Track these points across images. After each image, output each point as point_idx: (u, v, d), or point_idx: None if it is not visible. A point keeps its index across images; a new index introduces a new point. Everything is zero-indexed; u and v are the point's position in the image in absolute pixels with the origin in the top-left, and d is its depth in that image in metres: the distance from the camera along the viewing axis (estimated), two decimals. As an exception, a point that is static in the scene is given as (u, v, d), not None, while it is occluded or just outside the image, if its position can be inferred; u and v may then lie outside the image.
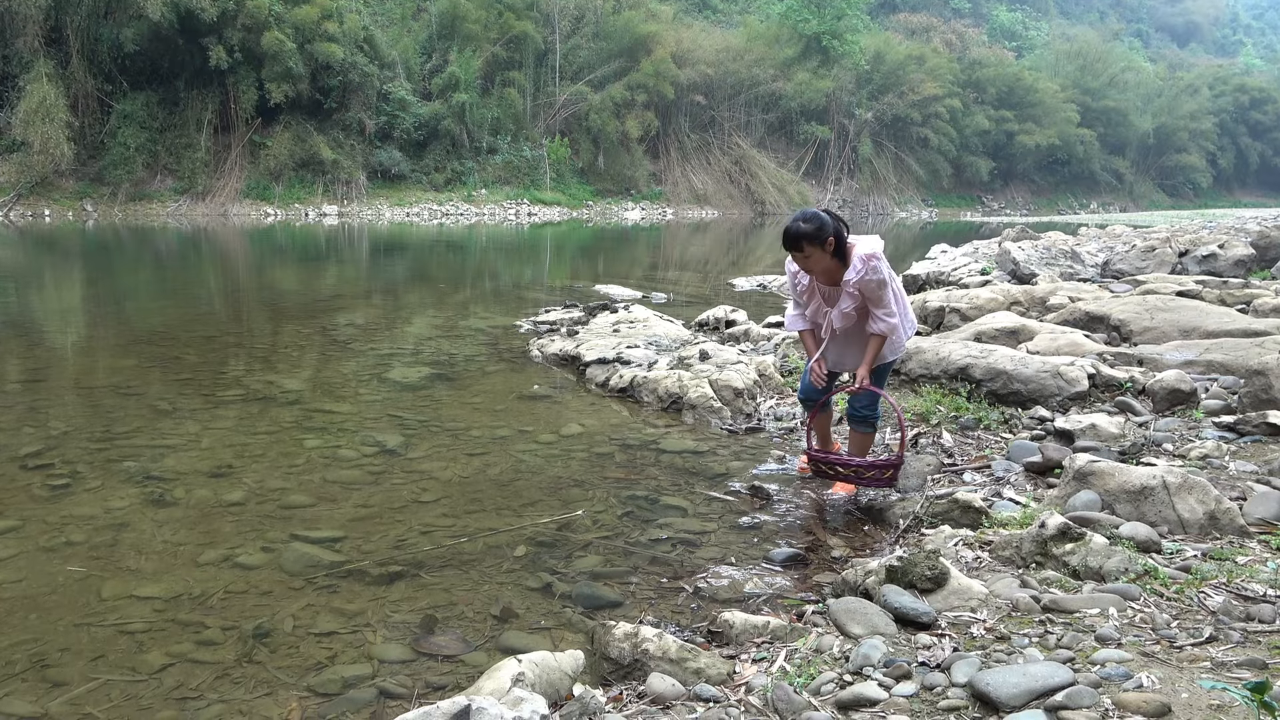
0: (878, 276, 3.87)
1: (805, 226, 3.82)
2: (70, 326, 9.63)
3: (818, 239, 3.81)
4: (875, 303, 3.94)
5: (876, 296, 3.92)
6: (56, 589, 3.30)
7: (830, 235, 3.82)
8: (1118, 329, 6.55)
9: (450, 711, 1.80)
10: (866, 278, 3.87)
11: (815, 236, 3.81)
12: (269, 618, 3.12)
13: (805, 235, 3.82)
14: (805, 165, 45.04)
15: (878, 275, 3.87)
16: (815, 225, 3.81)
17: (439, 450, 5.06)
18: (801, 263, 3.95)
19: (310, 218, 29.91)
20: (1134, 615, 2.54)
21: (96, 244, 20.30)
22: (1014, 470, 4.25)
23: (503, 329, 9.30)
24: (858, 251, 3.89)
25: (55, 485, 4.35)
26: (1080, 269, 10.79)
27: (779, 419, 5.56)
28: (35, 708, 2.58)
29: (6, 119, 26.73)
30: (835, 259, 3.90)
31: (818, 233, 3.81)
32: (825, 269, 3.95)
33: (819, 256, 3.87)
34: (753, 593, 3.30)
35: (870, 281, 3.88)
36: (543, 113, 37.80)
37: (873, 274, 3.86)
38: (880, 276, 3.88)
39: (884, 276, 3.89)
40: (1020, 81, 50.63)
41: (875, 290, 3.91)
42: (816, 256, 3.87)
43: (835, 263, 3.92)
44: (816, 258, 3.88)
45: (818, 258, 3.88)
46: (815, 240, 3.82)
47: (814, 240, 3.82)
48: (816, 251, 3.85)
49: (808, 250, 3.85)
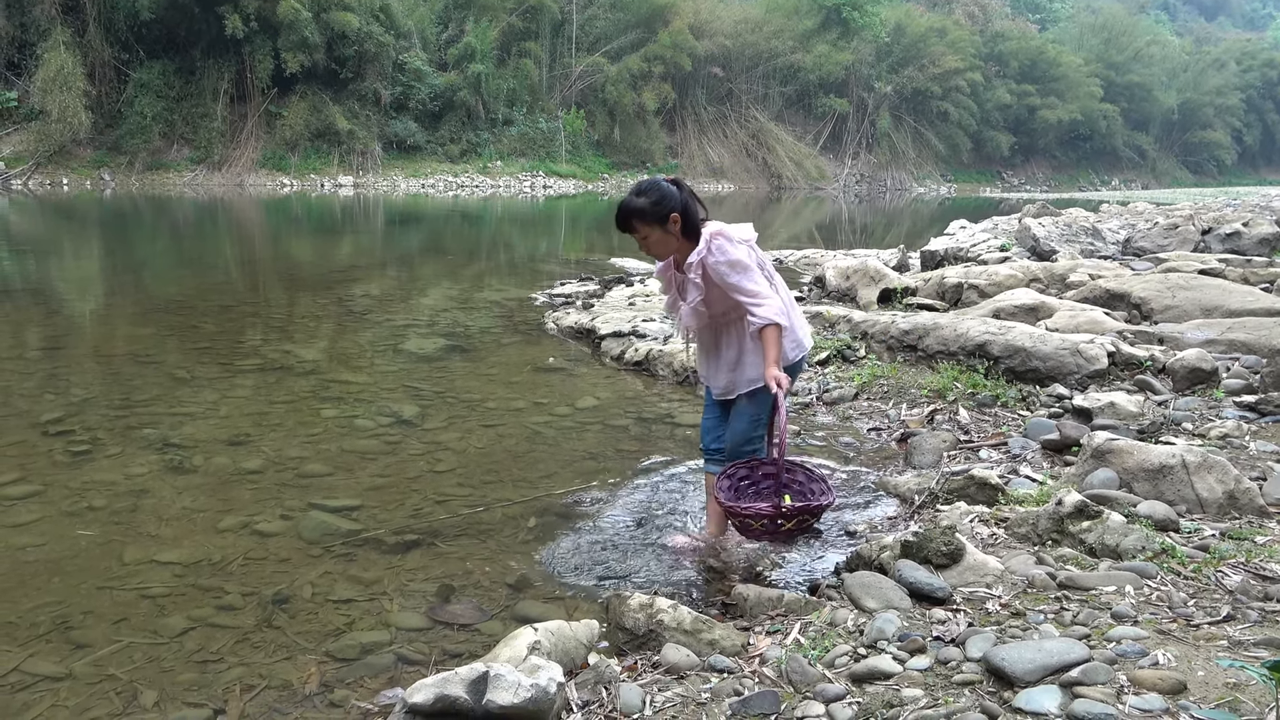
0: (726, 256, 3.04)
1: (639, 201, 3.10)
2: (89, 295, 9.70)
3: (655, 216, 3.09)
4: (734, 290, 3.06)
5: (732, 283, 3.05)
6: (79, 553, 3.35)
7: (673, 210, 3.09)
8: (1138, 307, 6.48)
9: (468, 678, 1.82)
10: (713, 259, 3.05)
11: (652, 213, 3.09)
12: (288, 584, 3.16)
13: (637, 211, 3.10)
14: (823, 139, 44.68)
15: (726, 255, 3.05)
16: (653, 198, 3.09)
17: (454, 421, 5.09)
18: (642, 246, 3.22)
19: (326, 189, 29.93)
20: (1150, 593, 2.53)
21: (114, 213, 20.38)
22: (1031, 448, 4.22)
23: (518, 301, 9.30)
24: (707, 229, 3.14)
25: (76, 451, 4.40)
26: (1101, 246, 10.67)
27: (794, 394, 5.54)
28: (60, 668, 2.62)
29: (25, 87, 26.79)
30: (686, 240, 3.15)
31: (655, 207, 3.08)
32: (675, 253, 3.22)
33: (660, 238, 3.14)
34: (766, 565, 3.32)
35: (719, 264, 3.04)
36: (559, 84, 37.58)
37: (719, 253, 3.05)
38: (730, 256, 3.05)
39: (735, 257, 3.05)
40: (1043, 55, 49.93)
41: (727, 273, 3.05)
42: (657, 238, 3.15)
43: (686, 245, 3.16)
44: (657, 239, 3.15)
45: (659, 239, 3.15)
46: (653, 218, 3.09)
47: (651, 218, 3.10)
48: (656, 232, 3.12)
49: (643, 230, 3.13)
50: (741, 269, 3.04)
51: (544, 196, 31.90)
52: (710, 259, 3.05)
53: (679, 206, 3.09)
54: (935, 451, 4.31)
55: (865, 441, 4.74)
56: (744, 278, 3.04)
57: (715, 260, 3.05)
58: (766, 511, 2.97)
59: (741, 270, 3.04)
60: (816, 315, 6.75)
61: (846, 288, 8.29)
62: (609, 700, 2.23)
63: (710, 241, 3.07)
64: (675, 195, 3.09)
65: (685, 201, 3.11)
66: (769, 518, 2.97)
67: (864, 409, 5.21)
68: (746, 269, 3.05)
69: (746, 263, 3.06)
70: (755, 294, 3.02)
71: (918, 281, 8.15)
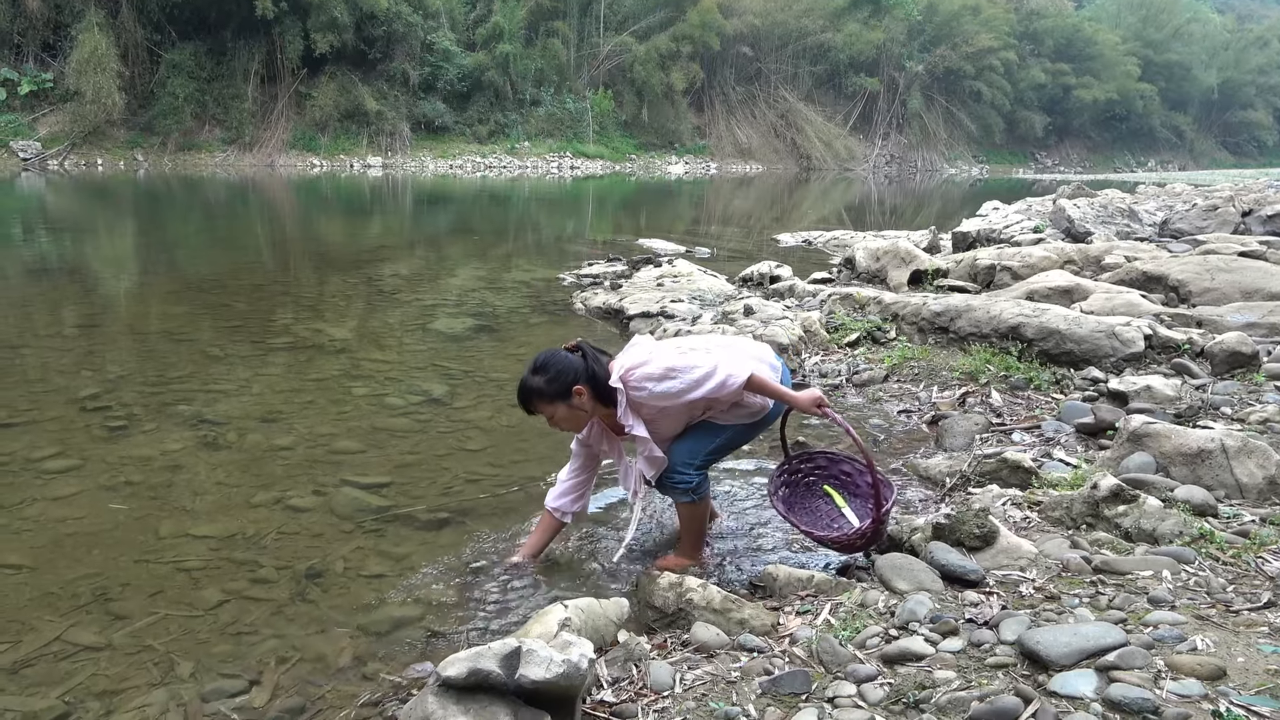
0: (651, 379, 2.79)
1: (535, 380, 2.80)
2: (124, 274, 9.83)
3: (555, 393, 2.81)
4: (691, 391, 2.80)
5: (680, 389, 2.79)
6: (117, 526, 3.40)
7: (574, 382, 2.80)
8: (1176, 290, 6.36)
9: (501, 653, 1.83)
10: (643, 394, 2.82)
11: (550, 391, 2.80)
12: (320, 559, 3.20)
13: (535, 391, 2.81)
14: (853, 119, 44.20)
15: (651, 379, 2.79)
16: (548, 375, 2.79)
17: (484, 400, 5.11)
18: (552, 425, 2.93)
19: (355, 169, 30.07)
20: (1188, 579, 2.50)
21: (147, 193, 20.62)
22: (1065, 431, 4.17)
23: (545, 282, 9.30)
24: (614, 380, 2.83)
25: (113, 427, 4.47)
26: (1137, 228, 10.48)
27: (823, 375, 5.51)
28: (99, 638, 2.67)
29: (60, 69, 27.09)
30: (602, 405, 2.88)
31: (552, 384, 2.79)
32: (591, 421, 2.99)
33: (568, 414, 2.86)
34: (797, 547, 3.30)
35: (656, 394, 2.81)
36: (586, 64, 37.41)
37: (644, 385, 2.80)
38: (654, 375, 2.79)
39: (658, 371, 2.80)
40: (1079, 33, 48.94)
41: (672, 388, 2.79)
42: (562, 415, 2.86)
43: (604, 409, 2.90)
44: (563, 416, 2.87)
45: (566, 415, 2.87)
46: (553, 395, 2.81)
47: (550, 396, 2.81)
48: (560, 409, 2.84)
49: (545, 410, 2.85)
50: (672, 374, 2.78)
51: (571, 177, 31.84)
52: (640, 396, 2.81)
53: (581, 377, 2.80)
54: (967, 434, 4.27)
55: (895, 424, 4.70)
56: (681, 376, 2.78)
57: (646, 395, 2.81)
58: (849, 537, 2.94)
59: (673, 375, 2.78)
60: (847, 297, 6.69)
61: (876, 269, 8.21)
62: (639, 677, 2.24)
63: (627, 387, 2.82)
64: (574, 366, 2.80)
65: (589, 368, 2.82)
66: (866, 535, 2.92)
67: (894, 391, 5.17)
68: (676, 371, 2.79)
69: (673, 363, 2.80)
70: (710, 373, 2.77)
71: (949, 263, 8.05)
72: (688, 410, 2.95)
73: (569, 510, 3.15)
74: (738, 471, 4.05)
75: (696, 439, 3.03)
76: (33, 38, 27.39)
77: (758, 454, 4.24)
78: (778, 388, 2.92)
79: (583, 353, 2.87)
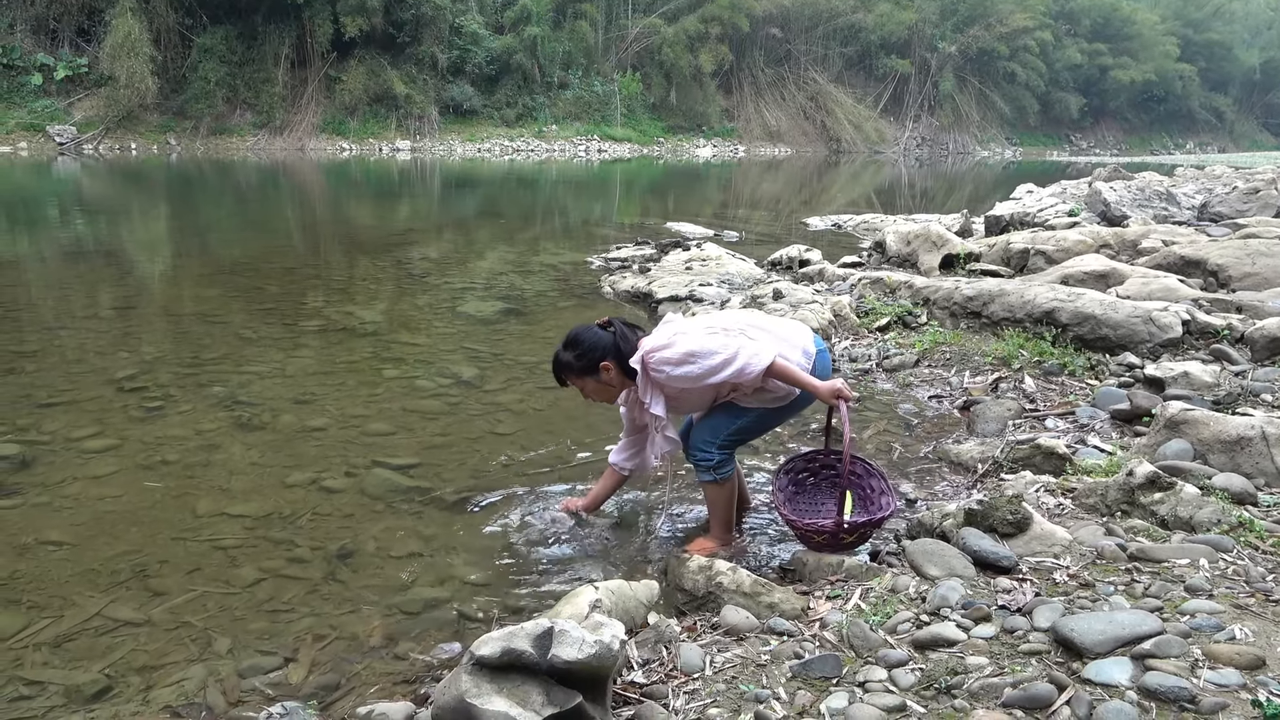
0: (671, 367, 2.85)
1: (566, 355, 2.97)
2: (158, 256, 9.96)
3: (584, 368, 2.94)
4: (709, 376, 2.86)
5: (700, 374, 2.85)
6: (154, 504, 3.46)
7: (603, 359, 2.92)
8: (1215, 274, 6.25)
9: (534, 633, 1.84)
10: (662, 376, 2.88)
11: (579, 366, 2.95)
12: (352, 539, 3.24)
13: (565, 365, 2.98)
14: (883, 101, 43.66)
15: (670, 366, 2.85)
16: (578, 351, 2.94)
17: (513, 383, 5.13)
18: (585, 396, 3.09)
19: (384, 153, 30.20)
20: (1226, 567, 2.46)
21: (180, 177, 20.85)
22: (1099, 417, 4.12)
23: (574, 265, 9.31)
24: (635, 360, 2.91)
25: (150, 407, 4.54)
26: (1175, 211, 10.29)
27: (853, 360, 5.47)
28: (139, 614, 2.73)
29: (95, 54, 27.39)
30: (629, 380, 2.98)
31: (581, 360, 2.93)
32: (621, 392, 3.07)
33: (597, 388, 3.00)
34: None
35: (674, 377, 2.87)
36: (614, 46, 37.21)
37: (663, 368, 2.86)
38: (674, 360, 2.84)
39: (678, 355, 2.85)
40: (1117, 12, 47.92)
41: (692, 371, 2.84)
42: (592, 388, 3.01)
43: (631, 384, 3.00)
44: (593, 389, 3.01)
45: (596, 389, 3.01)
46: (583, 370, 2.95)
47: (579, 371, 2.96)
48: (589, 383, 2.99)
49: (576, 382, 3.01)
50: (692, 359, 2.83)
51: (599, 160, 31.77)
52: (661, 377, 2.88)
53: (608, 353, 2.91)
54: (999, 420, 4.23)
55: (926, 409, 4.67)
56: (705, 361, 2.83)
57: (666, 377, 2.87)
58: (828, 528, 2.90)
59: (692, 359, 2.83)
60: (877, 281, 6.63)
61: (908, 253, 8.13)
62: (669, 659, 2.25)
63: (646, 367, 2.88)
64: (603, 342, 2.92)
65: (615, 345, 2.93)
66: (830, 533, 2.89)
67: (925, 376, 5.12)
68: (696, 355, 2.83)
69: (693, 347, 2.84)
70: (730, 359, 2.81)
71: (982, 247, 7.95)
72: (712, 390, 3.00)
73: (626, 465, 3.29)
74: (768, 455, 4.04)
75: (719, 419, 3.08)
76: (68, 23, 27.71)
77: (801, 439, 4.23)
78: (800, 376, 2.89)
79: (614, 329, 2.98)
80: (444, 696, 1.83)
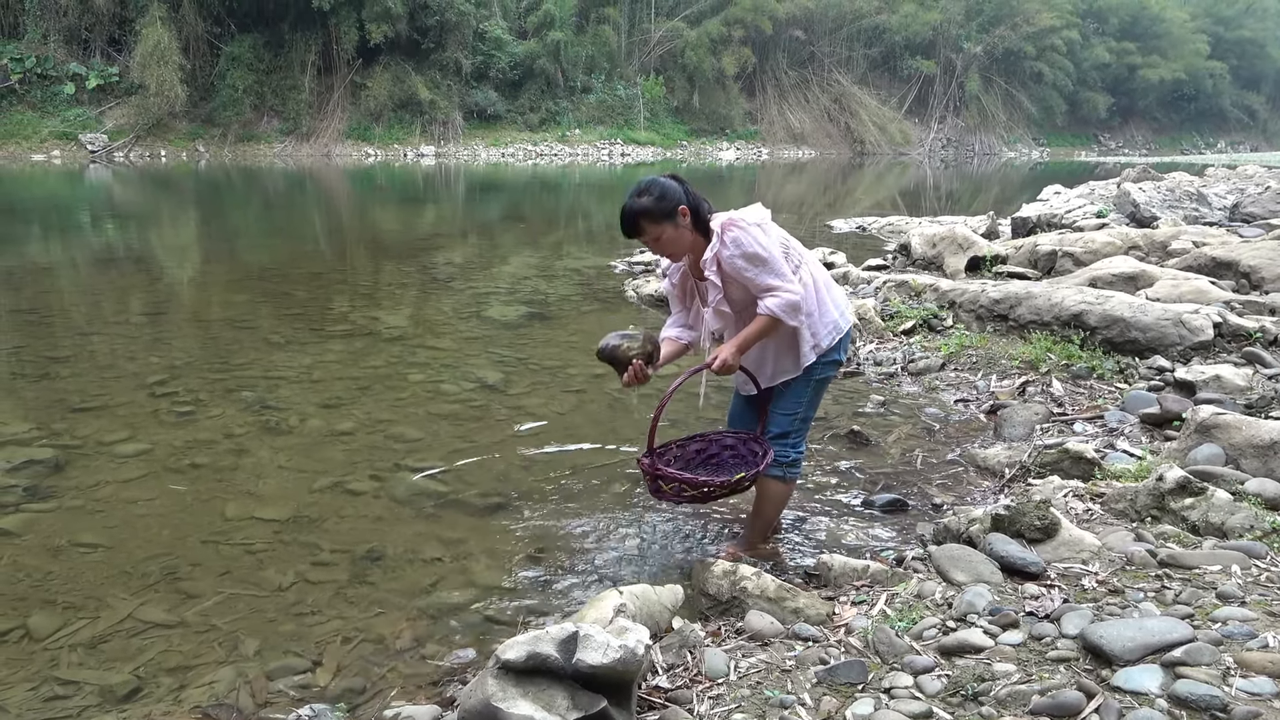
0: (742, 249, 2.83)
1: (642, 201, 2.84)
2: (187, 262, 10.10)
3: (662, 213, 2.84)
4: (751, 285, 2.88)
5: (749, 278, 2.86)
6: (185, 508, 3.51)
7: (680, 203, 2.86)
8: (1247, 276, 6.15)
9: (559, 637, 1.85)
10: (728, 253, 2.85)
11: (658, 210, 2.84)
12: (379, 542, 3.26)
13: (643, 211, 2.85)
14: (908, 103, 43.37)
15: (741, 248, 2.83)
16: (655, 194, 2.85)
17: (537, 387, 5.15)
18: (655, 249, 2.97)
19: (409, 158, 30.43)
20: (1259, 574, 2.42)
21: (208, 184, 21.12)
22: (1129, 421, 4.07)
23: (597, 269, 9.33)
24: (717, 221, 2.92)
25: (180, 412, 4.61)
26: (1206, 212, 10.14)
27: (878, 363, 5.45)
28: (171, 616, 2.77)
29: (125, 63, 27.84)
30: (698, 235, 2.93)
31: (660, 204, 2.84)
32: (689, 251, 2.98)
33: (672, 236, 2.89)
34: (852, 538, 3.28)
35: (735, 258, 2.84)
36: (637, 50, 37.26)
37: (734, 247, 2.84)
38: (746, 249, 2.83)
39: (752, 250, 2.83)
40: (1145, 10, 47.29)
41: (744, 268, 2.85)
42: (669, 236, 2.89)
43: (699, 240, 2.94)
44: (669, 238, 2.89)
45: (671, 238, 2.89)
46: (660, 215, 2.85)
47: (658, 215, 2.85)
48: (667, 229, 2.87)
49: (652, 230, 2.88)
50: (759, 263, 2.84)
51: (622, 164, 31.82)
52: (725, 254, 2.86)
53: (686, 199, 2.88)
54: (1027, 424, 4.19)
55: (952, 413, 4.63)
56: (761, 272, 2.84)
57: (730, 255, 2.85)
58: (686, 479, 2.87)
59: (759, 264, 2.84)
60: (902, 284, 6.60)
61: (933, 255, 8.07)
62: (694, 664, 2.25)
63: (724, 234, 2.86)
64: (678, 189, 2.88)
65: (691, 193, 2.92)
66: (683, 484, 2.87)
67: (951, 380, 5.09)
68: (764, 262, 2.84)
69: (764, 254, 2.84)
70: (771, 288, 2.85)
71: (1008, 249, 7.88)
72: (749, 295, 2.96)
73: (684, 336, 3.21)
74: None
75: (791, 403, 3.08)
76: (99, 33, 28.19)
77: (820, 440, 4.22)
78: (744, 338, 2.92)
79: (680, 181, 2.93)
80: (470, 699, 1.84)
